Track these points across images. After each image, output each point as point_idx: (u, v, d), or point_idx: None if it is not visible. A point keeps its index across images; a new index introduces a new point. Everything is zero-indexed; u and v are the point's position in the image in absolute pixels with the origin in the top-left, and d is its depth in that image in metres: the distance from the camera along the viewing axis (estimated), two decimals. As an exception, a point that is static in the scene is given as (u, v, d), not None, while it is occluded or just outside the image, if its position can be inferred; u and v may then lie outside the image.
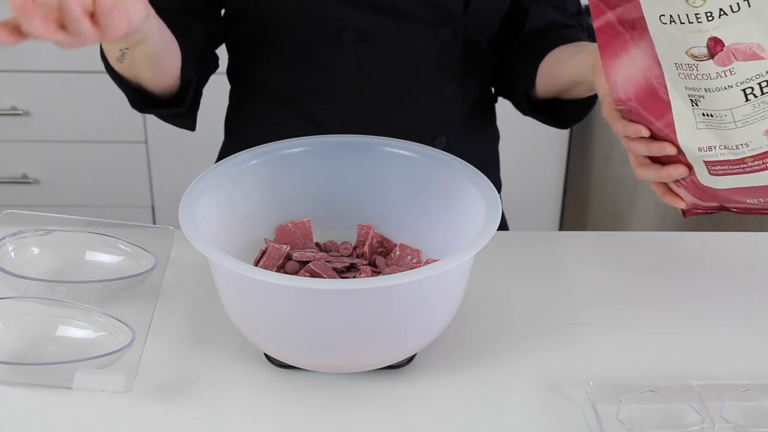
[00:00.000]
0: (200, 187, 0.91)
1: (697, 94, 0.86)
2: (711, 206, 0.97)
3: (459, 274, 0.86)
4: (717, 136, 0.87)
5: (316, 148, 1.01)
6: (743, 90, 0.84)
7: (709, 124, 0.87)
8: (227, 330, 0.95)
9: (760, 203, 0.93)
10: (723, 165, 0.89)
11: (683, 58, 0.85)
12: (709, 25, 0.82)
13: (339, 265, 0.95)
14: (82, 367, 0.84)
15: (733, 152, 0.87)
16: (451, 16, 1.06)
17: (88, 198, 2.30)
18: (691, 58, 0.84)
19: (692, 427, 0.83)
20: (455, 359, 0.92)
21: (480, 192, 0.91)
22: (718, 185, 0.91)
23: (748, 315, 1.01)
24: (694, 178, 0.92)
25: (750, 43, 0.83)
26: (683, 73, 0.86)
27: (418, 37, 1.08)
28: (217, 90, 1.24)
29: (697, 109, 0.87)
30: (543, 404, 0.87)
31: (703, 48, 0.83)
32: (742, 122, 0.85)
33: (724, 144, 0.87)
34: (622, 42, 0.89)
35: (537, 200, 2.31)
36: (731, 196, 0.92)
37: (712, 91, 0.85)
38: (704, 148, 0.89)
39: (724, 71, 0.84)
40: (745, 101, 0.85)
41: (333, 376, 0.89)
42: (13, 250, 1.00)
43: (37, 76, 2.16)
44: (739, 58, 0.83)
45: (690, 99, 0.87)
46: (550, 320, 0.99)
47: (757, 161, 0.87)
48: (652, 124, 0.91)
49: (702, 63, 0.84)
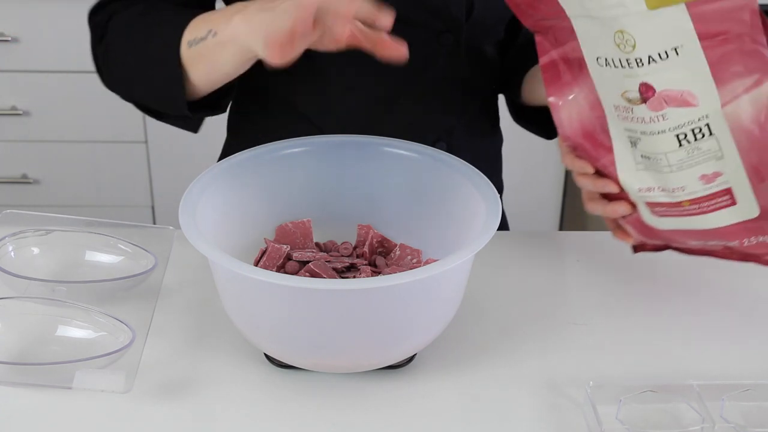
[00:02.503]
0: (200, 187, 0.91)
1: (635, 136, 0.88)
2: (657, 244, 0.98)
3: (459, 274, 0.86)
4: (655, 178, 0.89)
5: (316, 148, 1.01)
6: (676, 135, 0.85)
7: (647, 165, 0.88)
8: (227, 330, 0.95)
9: (702, 246, 0.94)
10: (662, 207, 0.90)
11: (619, 101, 0.86)
12: (640, 71, 0.83)
13: (339, 265, 0.95)
14: (82, 367, 0.84)
15: (670, 195, 0.89)
16: (453, 23, 1.06)
17: (88, 198, 2.30)
18: (626, 101, 0.86)
19: (692, 427, 0.83)
20: (455, 359, 0.92)
21: (480, 192, 0.91)
22: (660, 226, 0.92)
23: (748, 315, 1.01)
24: (639, 217, 0.93)
25: (681, 90, 0.83)
26: (621, 114, 0.87)
27: (421, 42, 1.07)
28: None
29: (635, 150, 0.88)
30: (543, 404, 0.87)
31: (636, 92, 0.84)
32: (678, 166, 0.87)
33: (662, 186, 0.89)
34: (566, 81, 0.90)
35: (537, 200, 2.31)
36: (674, 237, 0.94)
37: (647, 134, 0.86)
38: (644, 189, 0.90)
39: (657, 116, 0.85)
40: (678, 146, 0.86)
41: (333, 376, 0.89)
42: (13, 250, 1.00)
43: (37, 76, 2.16)
44: (670, 104, 0.84)
45: (629, 140, 0.88)
46: (550, 320, 0.99)
47: (694, 205, 0.89)
48: (597, 161, 0.92)
49: (636, 107, 0.85)
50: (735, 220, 0.89)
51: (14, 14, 2.08)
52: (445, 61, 1.09)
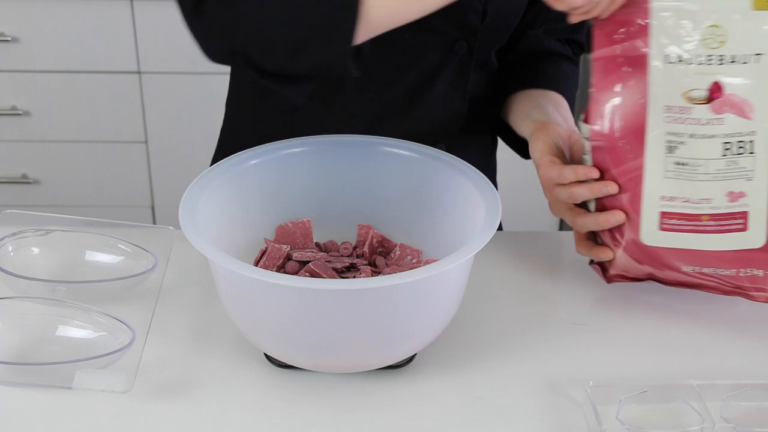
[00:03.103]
0: (200, 187, 0.91)
1: (677, 140, 0.89)
2: (641, 273, 0.98)
3: (459, 274, 0.86)
4: (682, 187, 0.90)
5: (316, 148, 1.01)
6: (724, 143, 0.88)
7: (679, 173, 0.90)
8: (227, 330, 0.95)
9: (694, 273, 0.95)
10: (678, 219, 0.91)
11: (677, 101, 0.88)
12: (719, 69, 0.86)
13: (339, 265, 0.95)
14: (82, 367, 0.84)
15: (693, 206, 0.90)
16: (469, 30, 1.06)
17: (88, 198, 2.30)
18: (687, 100, 0.87)
19: (692, 427, 0.83)
20: (455, 359, 0.92)
21: (480, 192, 0.91)
22: (663, 243, 0.92)
23: (748, 315, 1.01)
24: (636, 238, 0.93)
25: (744, 99, 0.87)
26: (671, 116, 0.89)
27: (434, 48, 1.07)
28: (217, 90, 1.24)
29: (670, 157, 0.90)
30: (543, 404, 0.87)
31: (704, 91, 0.87)
32: (713, 176, 0.89)
33: (686, 197, 0.90)
34: (615, 78, 0.91)
35: (537, 200, 2.31)
36: (670, 260, 0.94)
37: (696, 137, 0.88)
38: (666, 198, 0.91)
39: (715, 119, 0.87)
40: (722, 155, 0.88)
41: (333, 376, 0.89)
42: (13, 250, 1.00)
43: (37, 76, 2.16)
44: (731, 110, 0.87)
45: (667, 146, 0.89)
46: (550, 320, 0.99)
47: (712, 221, 0.90)
48: (620, 164, 0.92)
49: (697, 107, 0.87)
50: (740, 246, 0.91)
51: (14, 14, 2.08)
52: (456, 68, 1.09)
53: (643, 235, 0.93)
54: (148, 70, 2.15)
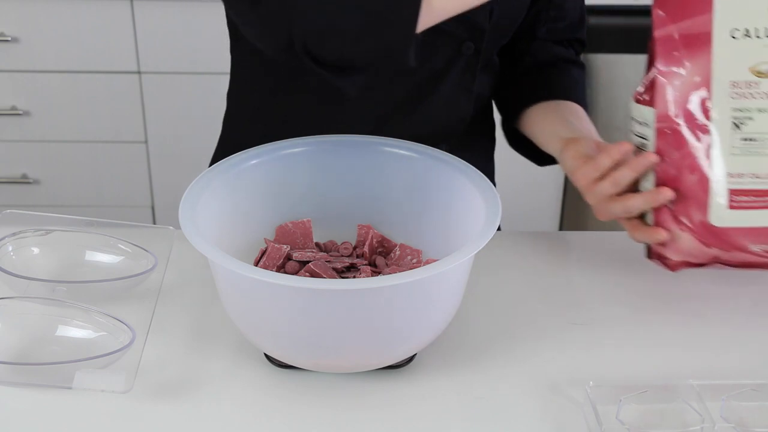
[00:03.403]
0: (200, 187, 0.91)
1: (745, 116, 0.89)
2: (706, 257, 0.96)
3: (459, 274, 0.86)
4: (750, 163, 0.90)
5: (317, 148, 1.01)
6: None
7: (747, 149, 0.89)
8: (227, 330, 0.95)
9: (762, 252, 0.94)
10: (748, 195, 0.90)
11: (744, 75, 0.88)
12: None
13: (339, 265, 0.95)
14: (82, 367, 0.84)
15: (762, 182, 0.90)
16: (477, 31, 1.06)
17: (88, 198, 2.30)
18: (755, 74, 0.88)
19: (692, 427, 0.83)
20: (455, 359, 0.92)
21: (480, 192, 0.91)
22: (733, 222, 0.91)
23: (748, 315, 1.01)
24: (704, 220, 0.92)
25: None
26: (738, 91, 0.89)
27: (442, 49, 1.07)
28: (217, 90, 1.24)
29: (738, 133, 0.89)
30: (543, 404, 0.87)
31: None
32: None
33: (756, 173, 0.90)
34: (678, 57, 0.90)
35: (537, 200, 2.31)
36: (738, 240, 0.93)
37: (765, 111, 0.88)
38: (735, 175, 0.90)
39: None
40: None
41: (333, 376, 0.89)
42: (13, 250, 1.00)
43: (37, 76, 2.16)
44: None
45: (733, 122, 0.89)
46: (550, 320, 0.99)
47: None
48: (683, 147, 0.91)
49: (765, 80, 0.88)
50: None
51: (14, 14, 2.08)
52: (463, 69, 1.09)
53: (712, 216, 0.92)
54: (148, 70, 2.15)
